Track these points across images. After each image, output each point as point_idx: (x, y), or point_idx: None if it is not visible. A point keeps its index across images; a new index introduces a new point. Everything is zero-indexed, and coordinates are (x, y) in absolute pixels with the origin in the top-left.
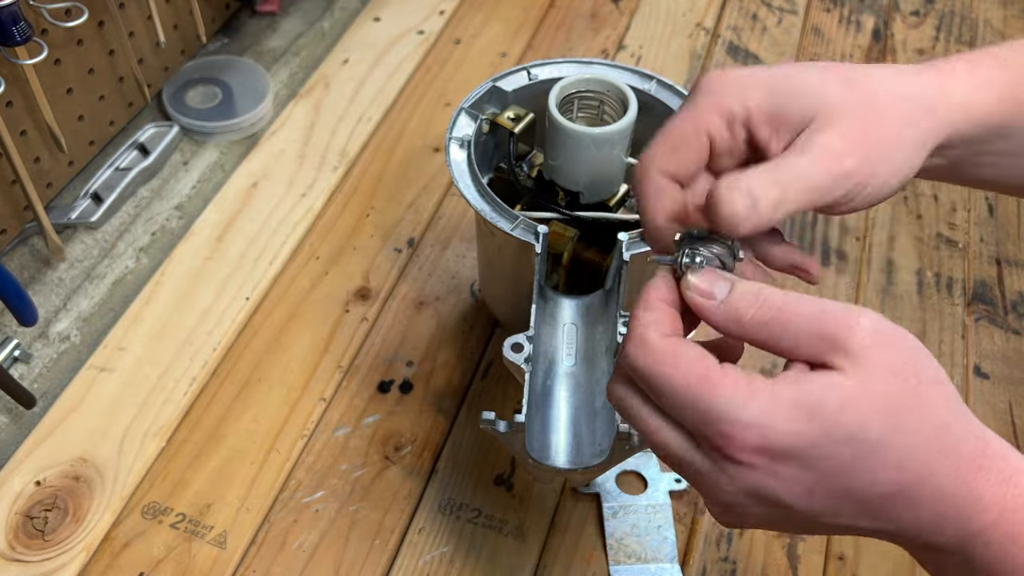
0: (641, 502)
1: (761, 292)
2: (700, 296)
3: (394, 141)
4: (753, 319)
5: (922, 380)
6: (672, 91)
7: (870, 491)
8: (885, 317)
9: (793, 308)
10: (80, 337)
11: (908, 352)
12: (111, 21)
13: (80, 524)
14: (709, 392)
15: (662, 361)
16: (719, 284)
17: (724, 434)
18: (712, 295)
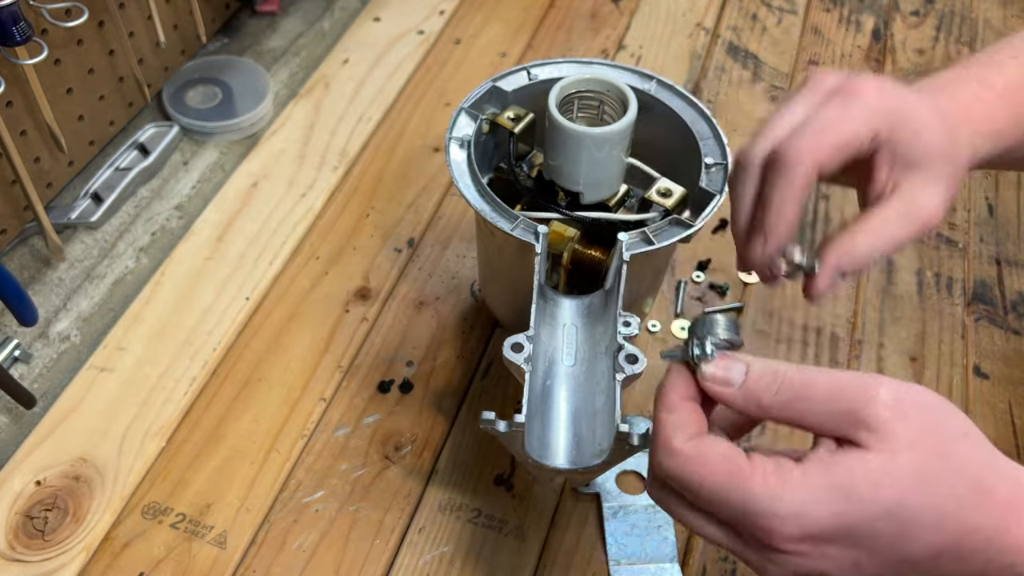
0: (641, 502)
1: (777, 373)
2: (718, 386)
3: (394, 141)
4: (774, 402)
5: (947, 439)
6: (672, 91)
7: (915, 555)
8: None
9: (811, 387)
10: (80, 337)
11: (929, 415)
12: (111, 21)
13: (80, 524)
14: (742, 489)
15: (691, 465)
16: (735, 370)
17: (764, 528)
18: (729, 382)
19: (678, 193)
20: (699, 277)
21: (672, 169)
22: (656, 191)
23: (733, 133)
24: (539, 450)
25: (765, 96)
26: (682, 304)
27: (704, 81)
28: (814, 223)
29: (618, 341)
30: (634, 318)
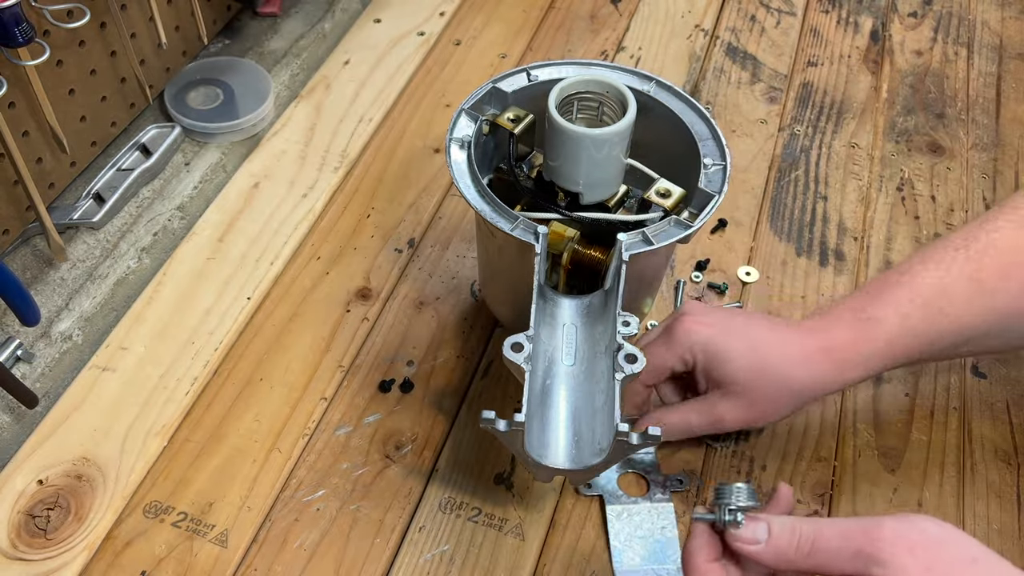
0: (644, 504)
1: (794, 527)
2: (747, 545)
3: (395, 142)
4: (796, 555)
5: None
6: (671, 92)
7: None
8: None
9: (823, 536)
10: (82, 337)
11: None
12: (113, 22)
13: (82, 523)
14: None
15: None
16: (759, 529)
17: None
18: (756, 541)
19: (677, 194)
20: (698, 277)
21: (671, 170)
22: (655, 192)
23: (732, 134)
24: (539, 449)
25: (764, 97)
26: (681, 304)
27: (703, 82)
28: (812, 223)
29: (617, 341)
30: (633, 318)
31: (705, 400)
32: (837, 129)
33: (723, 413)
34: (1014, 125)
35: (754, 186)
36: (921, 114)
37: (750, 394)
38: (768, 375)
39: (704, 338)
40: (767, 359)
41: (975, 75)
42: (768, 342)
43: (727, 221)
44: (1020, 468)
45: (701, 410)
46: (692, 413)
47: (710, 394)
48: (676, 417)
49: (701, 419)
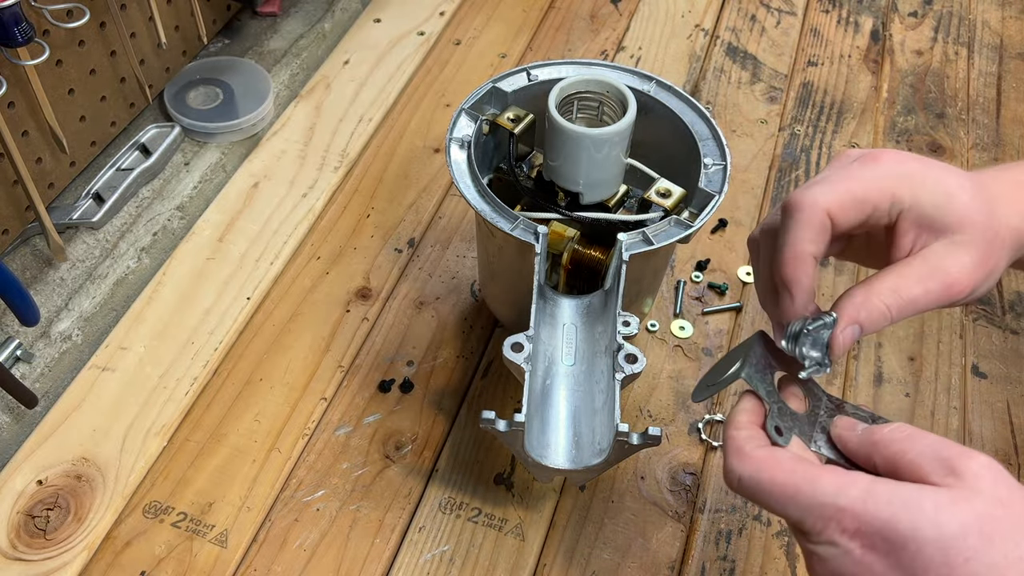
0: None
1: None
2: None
3: (395, 142)
4: (885, 437)
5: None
6: (671, 92)
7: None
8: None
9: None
10: (82, 337)
11: (1017, 489)
12: (112, 22)
13: (82, 523)
14: (809, 484)
15: (764, 465)
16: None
17: (824, 517)
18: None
19: (677, 193)
20: (698, 277)
21: (671, 170)
22: (655, 191)
23: (732, 134)
24: (539, 449)
25: (764, 97)
26: (681, 304)
27: (703, 82)
28: None
29: (617, 341)
30: (633, 318)
31: (924, 260)
32: (837, 129)
33: (954, 272)
34: (1014, 125)
35: (754, 186)
36: (921, 114)
37: (982, 242)
38: (997, 212)
39: (913, 169)
40: (993, 195)
41: (975, 75)
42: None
43: (727, 221)
44: (1020, 468)
45: (922, 274)
46: (910, 282)
47: (926, 251)
48: (889, 296)
49: (926, 287)
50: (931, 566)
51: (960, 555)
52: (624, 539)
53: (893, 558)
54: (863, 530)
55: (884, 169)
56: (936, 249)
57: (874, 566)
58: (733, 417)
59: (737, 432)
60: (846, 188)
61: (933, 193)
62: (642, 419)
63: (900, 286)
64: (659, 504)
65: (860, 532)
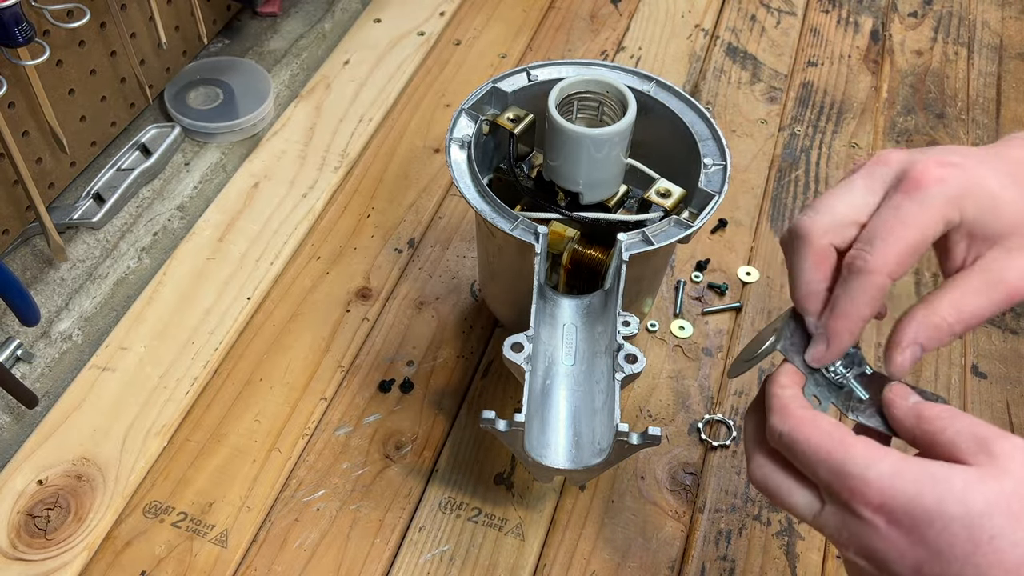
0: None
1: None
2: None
3: (395, 142)
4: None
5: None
6: (671, 92)
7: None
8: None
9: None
10: (82, 337)
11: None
12: (113, 22)
13: (82, 523)
14: (842, 451)
15: (804, 425)
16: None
17: (851, 488)
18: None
19: (677, 194)
20: (698, 277)
21: (671, 170)
22: (655, 192)
23: (732, 134)
24: (539, 449)
25: (764, 97)
26: (681, 304)
27: (703, 82)
28: None
29: (617, 341)
30: (633, 318)
31: (983, 270)
32: (837, 129)
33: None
34: (1014, 125)
35: (754, 186)
36: (921, 114)
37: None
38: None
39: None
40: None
41: (975, 75)
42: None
43: (727, 221)
44: None
45: (982, 286)
46: (971, 295)
47: (982, 262)
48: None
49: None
50: (956, 543)
51: (985, 532)
52: (624, 539)
53: (918, 534)
54: (888, 505)
55: (932, 200)
56: (993, 257)
57: (899, 541)
58: (776, 377)
59: (782, 391)
60: (906, 243)
61: (979, 203)
62: (642, 419)
63: (962, 301)
64: (659, 504)
65: (884, 507)
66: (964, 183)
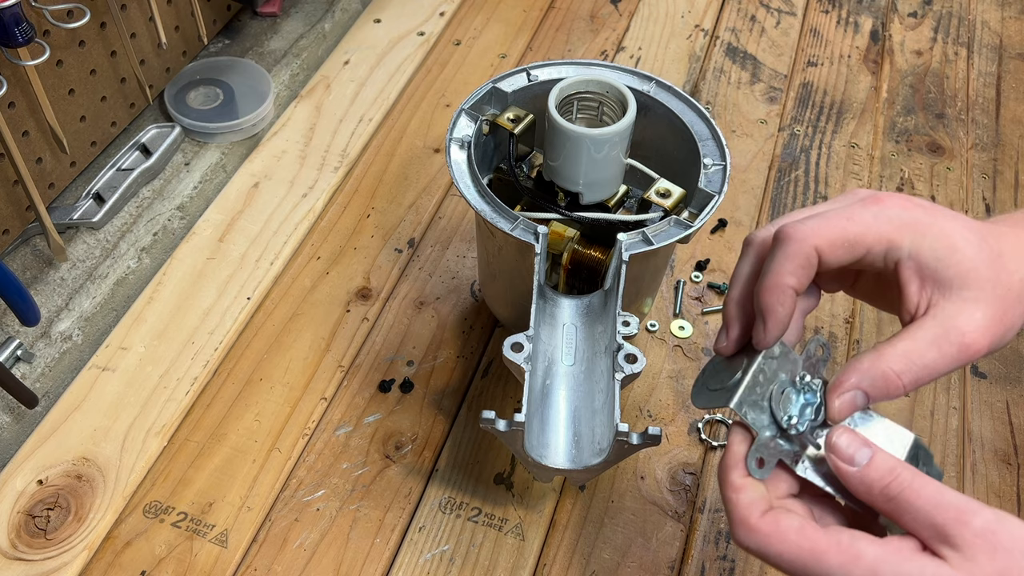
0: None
1: (895, 469)
2: (843, 461)
3: (395, 142)
4: (882, 492)
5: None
6: (671, 92)
7: None
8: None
9: (917, 490)
10: (82, 337)
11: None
12: (113, 22)
13: (82, 523)
14: (818, 562)
15: (771, 541)
16: (862, 453)
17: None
18: (854, 463)
19: (677, 194)
20: (698, 277)
21: (671, 170)
22: (655, 192)
23: (732, 134)
24: (539, 449)
25: (764, 97)
26: (681, 304)
27: (703, 82)
28: None
29: (617, 341)
30: (633, 318)
31: (935, 320)
32: (837, 129)
33: (969, 332)
34: (1014, 125)
35: (754, 186)
36: (921, 114)
37: (994, 298)
38: (1007, 266)
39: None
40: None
41: (975, 75)
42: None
43: (727, 221)
44: (1020, 468)
45: (935, 336)
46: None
47: (936, 310)
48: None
49: (941, 350)
50: None
51: None
52: (624, 539)
53: None
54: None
55: (886, 214)
56: (947, 308)
57: None
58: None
59: (737, 496)
60: (840, 227)
61: (935, 244)
62: (642, 419)
63: (912, 350)
64: (659, 504)
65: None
66: (923, 219)
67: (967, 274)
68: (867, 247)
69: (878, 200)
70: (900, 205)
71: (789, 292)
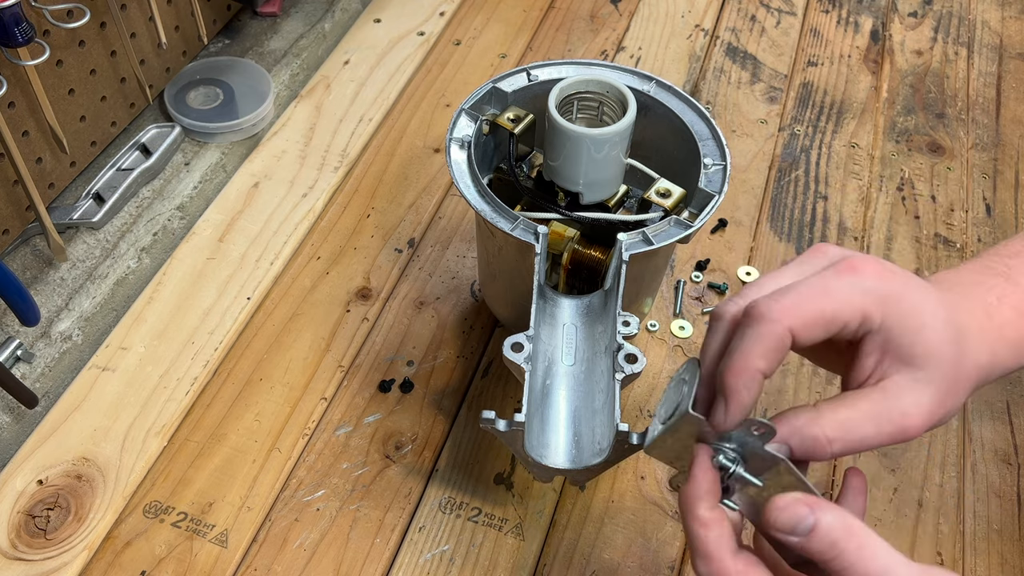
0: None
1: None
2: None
3: (395, 142)
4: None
5: None
6: (671, 92)
7: None
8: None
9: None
10: (82, 337)
11: None
12: (113, 22)
13: (82, 523)
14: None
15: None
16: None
17: None
18: (795, 533)
19: (677, 193)
20: (698, 277)
21: (671, 170)
22: (655, 192)
23: (732, 134)
24: (539, 449)
25: (764, 97)
26: (681, 304)
27: (703, 82)
28: (812, 223)
29: (617, 341)
30: (633, 318)
31: (882, 395)
32: (837, 129)
33: (912, 414)
34: (1014, 125)
35: (754, 186)
36: (921, 114)
37: (944, 382)
38: (967, 349)
39: (892, 290)
40: (965, 329)
41: (975, 75)
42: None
43: (727, 221)
44: (1020, 468)
45: (877, 412)
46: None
47: (886, 384)
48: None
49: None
50: None
51: None
52: (624, 539)
53: None
54: None
55: (862, 285)
56: (897, 383)
57: None
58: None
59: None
60: (817, 305)
61: (906, 322)
62: (642, 419)
63: (850, 421)
64: (659, 504)
65: None
66: (899, 292)
67: (928, 355)
68: (843, 323)
69: (853, 268)
70: (876, 274)
71: (758, 377)
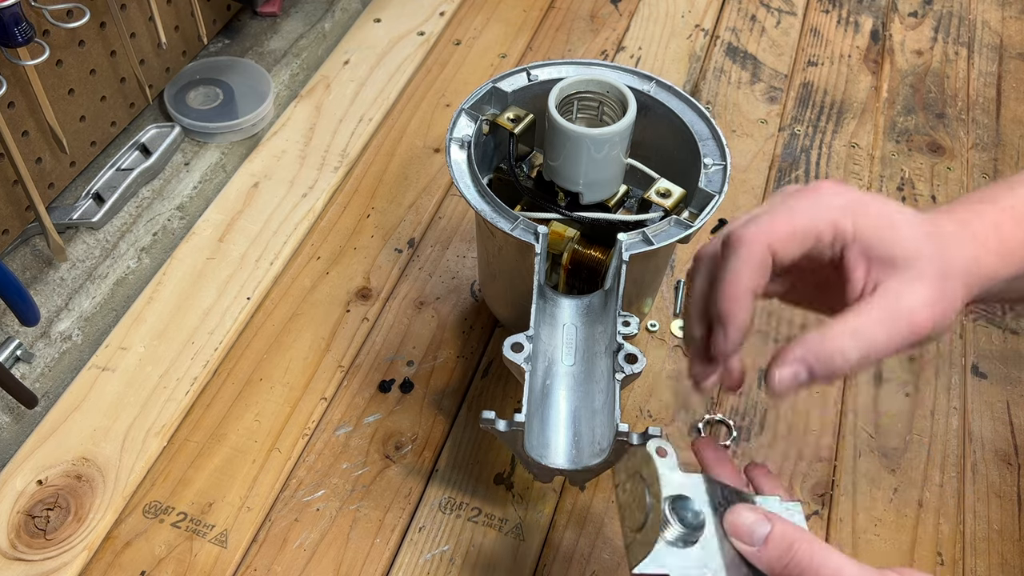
0: None
1: (792, 547)
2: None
3: (395, 142)
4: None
5: None
6: (671, 92)
7: None
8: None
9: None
10: (82, 337)
11: None
12: (112, 22)
13: (82, 523)
14: None
15: None
16: (758, 531)
17: None
18: (752, 542)
19: (677, 193)
20: None
21: (671, 170)
22: (655, 191)
23: (732, 134)
24: (539, 449)
25: (764, 97)
26: (681, 304)
27: (703, 82)
28: None
29: (617, 341)
30: (633, 318)
31: (883, 298)
32: (837, 129)
33: (917, 309)
34: (1014, 125)
35: (754, 186)
36: (921, 114)
37: (935, 276)
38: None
39: (853, 198)
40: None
41: (975, 75)
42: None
43: (727, 221)
44: (1020, 468)
45: (884, 315)
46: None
47: (882, 289)
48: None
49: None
50: None
51: None
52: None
53: None
54: None
55: (824, 200)
56: (891, 287)
57: None
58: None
59: None
60: (787, 221)
61: (876, 223)
62: (642, 419)
63: (861, 328)
64: None
65: None
66: (864, 200)
67: (910, 252)
68: (816, 235)
69: (814, 189)
70: (833, 191)
71: (749, 296)
